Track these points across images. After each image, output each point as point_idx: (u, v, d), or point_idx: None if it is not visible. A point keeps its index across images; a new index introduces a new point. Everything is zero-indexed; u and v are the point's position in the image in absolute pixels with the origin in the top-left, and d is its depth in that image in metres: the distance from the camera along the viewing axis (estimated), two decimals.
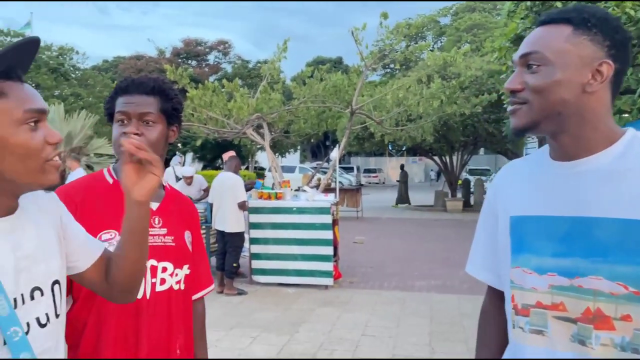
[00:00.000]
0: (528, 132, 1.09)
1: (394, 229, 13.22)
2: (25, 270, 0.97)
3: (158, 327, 1.39)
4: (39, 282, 0.99)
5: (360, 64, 9.79)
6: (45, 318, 0.99)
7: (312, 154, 45.35)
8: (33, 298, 0.97)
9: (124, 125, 1.39)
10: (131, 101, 1.40)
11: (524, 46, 1.09)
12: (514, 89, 1.08)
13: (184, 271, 1.47)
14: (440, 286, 6.90)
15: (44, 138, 0.95)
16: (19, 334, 0.92)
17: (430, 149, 18.06)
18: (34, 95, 0.96)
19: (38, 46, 0.96)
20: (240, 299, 6.24)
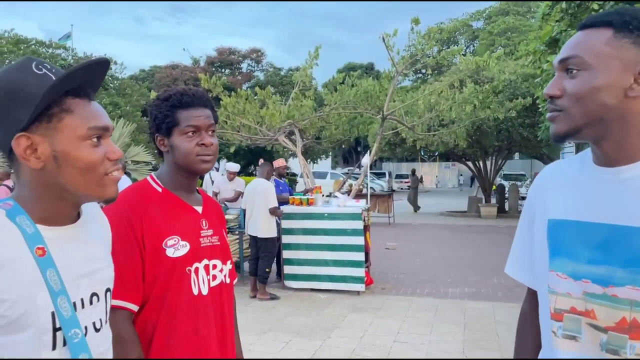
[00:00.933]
0: (569, 139, 1.07)
1: (427, 235, 13.09)
2: (87, 276, 1.03)
3: (218, 318, 1.51)
4: (97, 288, 1.06)
5: (392, 69, 9.79)
6: (100, 323, 1.05)
7: (344, 160, 45.34)
8: (92, 303, 1.03)
9: (193, 137, 1.49)
10: (199, 114, 1.51)
11: (564, 51, 1.07)
12: (552, 95, 1.06)
13: (228, 266, 1.60)
14: (474, 293, 6.81)
15: (104, 154, 1.00)
16: (79, 335, 0.97)
17: (463, 154, 17.84)
18: (99, 113, 1.01)
19: (107, 66, 1.02)
20: (272, 304, 6.30)
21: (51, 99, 0.95)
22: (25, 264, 0.93)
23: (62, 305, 0.95)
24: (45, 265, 0.95)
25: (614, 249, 1.01)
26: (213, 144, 1.52)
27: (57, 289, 0.95)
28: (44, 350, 0.94)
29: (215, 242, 1.56)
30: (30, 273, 0.93)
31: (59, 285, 0.95)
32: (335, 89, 10.97)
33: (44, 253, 0.95)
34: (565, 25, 7.72)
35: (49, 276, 0.94)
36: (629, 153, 1.04)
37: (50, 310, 0.94)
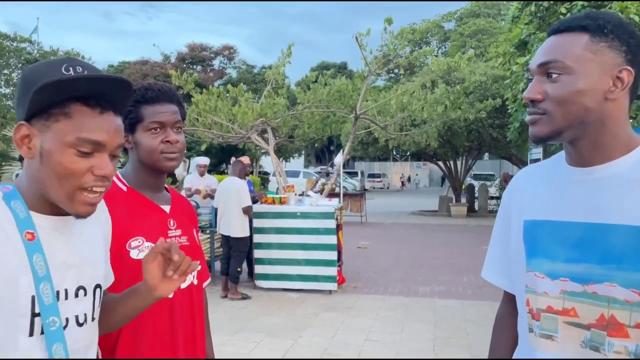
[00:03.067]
0: (550, 141, 1.09)
1: (398, 234, 13.20)
2: (74, 268, 1.03)
3: (187, 321, 1.47)
4: (85, 282, 1.05)
5: (365, 69, 9.81)
6: (84, 318, 1.05)
7: (316, 159, 45.41)
8: (77, 296, 1.03)
9: (157, 133, 1.45)
10: (164, 110, 1.46)
11: (542, 55, 1.08)
12: (534, 99, 1.07)
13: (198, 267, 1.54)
14: (444, 292, 6.89)
15: (89, 167, 0.98)
16: (57, 324, 0.97)
17: (434, 154, 18.08)
18: (100, 127, 0.98)
19: (127, 86, 1.00)
20: (244, 304, 6.25)
21: (44, 98, 0.95)
22: (14, 246, 0.95)
23: (45, 291, 0.96)
24: (33, 250, 0.96)
25: (590, 247, 1.03)
26: (179, 141, 1.47)
27: (41, 274, 0.96)
28: (20, 335, 0.94)
29: (184, 242, 1.51)
30: (16, 255, 0.95)
31: (44, 271, 0.96)
32: (308, 88, 10.93)
33: (32, 238, 0.96)
34: (534, 28, 7.89)
35: (35, 260, 0.95)
36: (604, 153, 1.06)
37: (31, 293, 0.94)
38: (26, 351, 0.94)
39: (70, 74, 0.96)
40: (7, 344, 0.93)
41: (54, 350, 0.96)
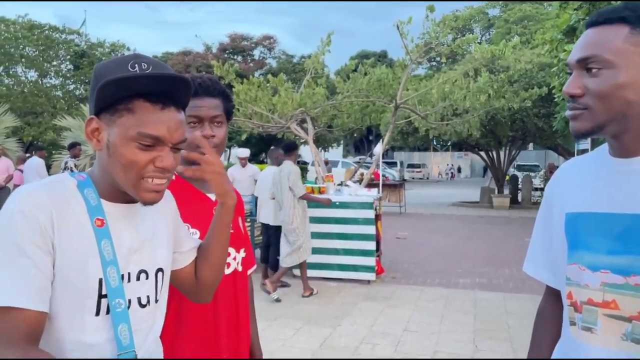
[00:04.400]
0: (591, 136, 1.08)
1: (438, 225, 13.05)
2: (137, 252, 1.09)
3: (229, 307, 1.51)
4: (146, 266, 1.11)
5: (405, 57, 9.69)
6: (146, 300, 1.10)
7: (355, 149, 45.25)
8: (139, 279, 1.09)
9: (195, 127, 1.47)
10: (202, 104, 1.48)
11: (580, 49, 1.06)
12: (574, 94, 1.06)
13: (241, 254, 1.59)
14: (485, 284, 6.78)
15: (150, 159, 1.03)
16: (122, 305, 1.03)
17: (476, 144, 17.70)
18: (161, 122, 1.02)
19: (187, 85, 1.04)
20: (283, 291, 6.32)
21: (109, 94, 1.00)
22: (84, 231, 1.01)
23: (111, 274, 1.02)
24: (101, 236, 1.03)
25: (633, 239, 1.01)
26: (215, 135, 1.48)
27: (108, 259, 1.02)
28: (87, 315, 1.00)
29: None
30: (86, 239, 1.01)
31: (111, 256, 1.03)
32: (347, 77, 10.88)
33: (102, 224, 1.03)
34: (584, 14, 7.57)
35: (103, 246, 1.02)
36: None
37: (99, 276, 1.01)
38: (92, 330, 1.00)
39: (134, 72, 1.00)
40: (75, 323, 0.99)
41: (119, 330, 1.02)
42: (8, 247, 0.94)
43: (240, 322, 1.54)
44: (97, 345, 1.01)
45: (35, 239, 0.95)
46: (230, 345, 1.49)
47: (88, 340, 1.00)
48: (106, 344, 1.01)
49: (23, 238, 0.94)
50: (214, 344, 1.46)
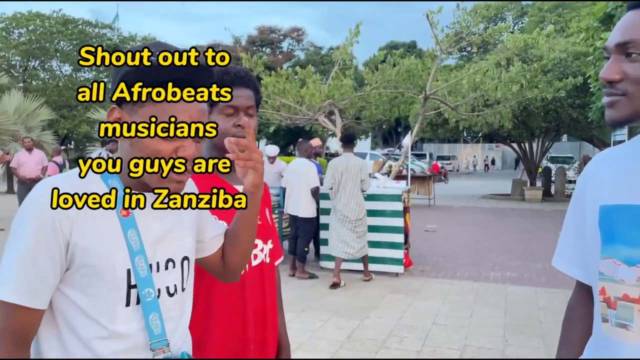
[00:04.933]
0: (628, 124, 1.02)
1: (468, 218, 12.87)
2: (164, 241, 1.09)
3: (257, 298, 1.52)
4: (173, 254, 1.11)
5: (435, 47, 9.54)
6: (174, 288, 1.10)
7: (384, 141, 44.96)
8: (167, 268, 1.09)
9: (231, 117, 1.48)
10: (239, 95, 1.49)
11: (620, 33, 1.01)
12: (611, 80, 1.01)
13: (269, 246, 1.59)
14: (516, 278, 6.66)
15: (173, 148, 1.01)
16: (152, 295, 1.04)
17: (508, 135, 17.35)
18: (183, 112, 1.01)
19: (208, 72, 1.05)
20: (311, 283, 6.34)
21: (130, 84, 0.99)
22: (110, 222, 1.02)
23: (139, 264, 1.02)
24: (128, 226, 1.03)
25: None
26: (250, 125, 1.51)
27: (135, 249, 1.02)
28: (118, 306, 1.01)
29: (257, 220, 1.56)
30: (113, 230, 1.01)
31: (138, 246, 1.03)
32: (376, 68, 10.78)
33: (127, 214, 1.03)
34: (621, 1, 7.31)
35: (129, 235, 1.02)
36: None
37: (127, 267, 1.01)
38: (124, 320, 1.01)
39: (153, 61, 0.99)
40: (106, 313, 1.00)
41: (150, 320, 1.02)
42: (17, 241, 0.96)
43: (267, 313, 1.55)
44: (130, 335, 1.01)
45: (46, 235, 0.95)
46: (257, 336, 1.49)
47: (120, 331, 1.00)
48: (138, 334, 1.02)
49: (33, 234, 0.95)
50: (242, 335, 1.46)
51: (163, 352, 1.03)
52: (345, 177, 6.16)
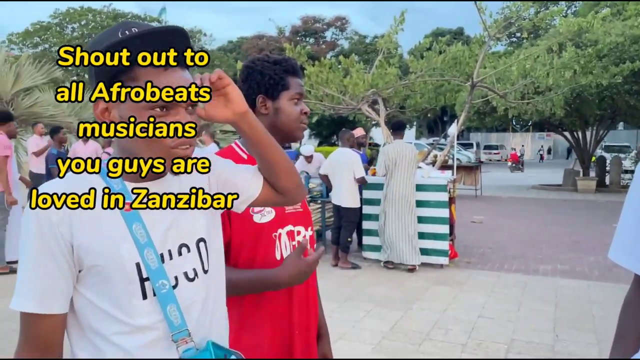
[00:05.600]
0: None
1: (517, 209, 12.51)
2: (173, 227, 1.05)
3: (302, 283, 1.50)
4: (185, 239, 1.07)
5: (483, 34, 9.26)
6: (193, 273, 1.07)
7: (429, 130, 44.25)
8: (180, 254, 1.06)
9: (298, 103, 1.55)
10: (302, 83, 1.58)
11: None
12: None
13: (309, 232, 1.60)
14: (567, 271, 6.42)
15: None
16: (167, 286, 1.01)
17: (560, 123, 16.70)
18: (169, 84, 0.96)
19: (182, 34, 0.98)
20: (354, 273, 6.33)
21: (105, 68, 0.94)
22: (113, 218, 0.99)
23: (149, 257, 0.99)
24: (132, 220, 1.00)
25: None
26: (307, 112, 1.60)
27: (143, 242, 0.99)
28: (135, 300, 0.99)
29: (299, 208, 1.57)
30: (115, 226, 0.99)
31: (145, 238, 1.00)
32: (421, 56, 10.57)
33: (130, 208, 1.00)
34: None
35: (134, 229, 0.99)
36: None
37: (135, 261, 0.99)
38: (143, 313, 1.00)
39: (124, 36, 0.95)
40: (125, 309, 0.99)
41: (168, 311, 1.00)
42: (23, 252, 0.95)
43: (310, 298, 1.56)
44: (151, 327, 1.00)
45: (48, 241, 0.94)
46: (301, 322, 1.51)
47: (141, 324, 0.99)
48: (159, 325, 1.00)
49: (35, 242, 0.94)
50: (288, 320, 1.48)
51: (186, 343, 1.01)
52: (398, 164, 6.29)
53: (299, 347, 1.49)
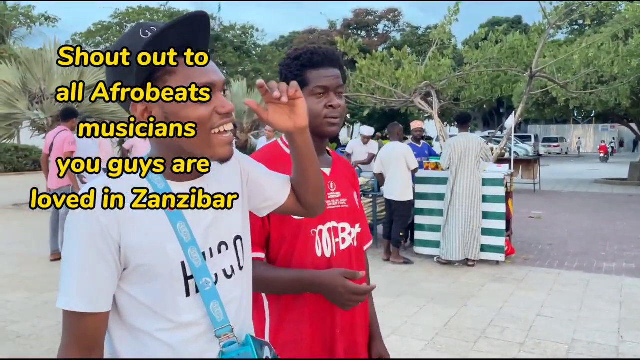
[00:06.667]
0: None
1: (578, 204, 11.98)
2: (214, 225, 1.08)
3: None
4: (224, 237, 1.10)
5: (543, 21, 8.89)
6: (231, 270, 1.10)
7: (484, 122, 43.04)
8: (220, 252, 1.08)
9: (321, 98, 1.47)
10: (329, 74, 1.46)
11: None
12: None
13: (356, 229, 1.56)
14: (633, 269, 6.09)
15: (212, 109, 1.00)
16: (210, 284, 1.03)
17: (625, 114, 15.86)
18: (205, 70, 1.00)
19: (204, 21, 0.99)
20: (406, 268, 6.25)
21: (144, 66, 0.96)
22: (157, 217, 1.00)
23: (193, 255, 1.01)
24: (176, 219, 1.01)
25: None
26: (340, 105, 1.48)
27: (187, 240, 1.01)
28: (179, 297, 1.01)
29: (344, 204, 1.53)
30: (161, 225, 1.00)
31: (189, 237, 1.02)
32: (476, 47, 10.28)
33: (174, 207, 1.02)
34: None
35: (179, 228, 1.01)
36: None
37: (180, 260, 1.00)
38: (187, 310, 1.01)
39: (151, 34, 0.96)
40: (170, 306, 1.00)
41: (211, 308, 1.02)
42: (70, 253, 0.96)
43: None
44: (195, 323, 1.02)
45: (97, 242, 0.95)
46: (344, 321, 1.47)
47: (185, 321, 1.01)
48: (202, 321, 1.02)
49: (84, 243, 0.95)
50: (330, 319, 1.45)
51: (228, 338, 1.04)
52: (464, 157, 6.23)
53: (341, 347, 1.46)
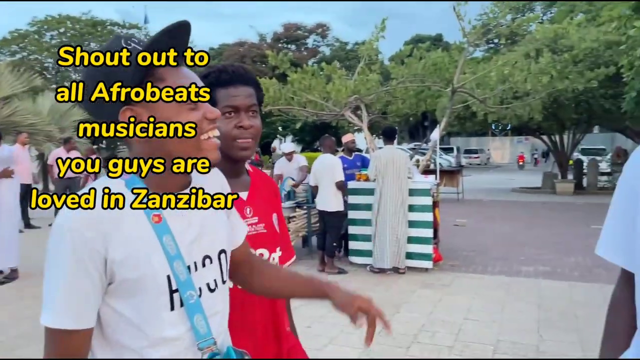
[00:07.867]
0: None
1: (498, 212, 12.69)
2: (198, 239, 1.07)
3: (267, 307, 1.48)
4: (209, 250, 1.10)
5: (462, 40, 9.43)
6: (214, 284, 1.10)
7: (410, 135, 44.57)
8: (204, 265, 1.08)
9: (231, 118, 1.39)
10: (238, 93, 1.40)
11: None
12: None
13: (277, 253, 1.53)
14: (549, 272, 6.55)
15: (202, 114, 1.03)
16: (194, 297, 1.03)
17: (538, 127, 17.01)
18: (189, 76, 1.03)
19: (188, 29, 1.00)
20: (340, 278, 6.36)
21: (137, 74, 0.97)
22: (143, 230, 1.00)
23: (178, 269, 1.01)
24: (162, 232, 1.01)
25: None
26: (253, 126, 1.40)
27: (173, 254, 1.01)
28: (163, 312, 1.00)
29: (261, 230, 1.48)
30: (147, 238, 1.00)
31: (175, 250, 1.01)
32: (402, 62, 10.71)
33: (159, 220, 1.01)
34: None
35: (165, 241, 1.00)
36: None
37: (166, 273, 1.00)
38: (171, 324, 1.01)
39: (133, 46, 0.98)
40: (154, 321, 1.00)
41: (195, 321, 1.02)
42: (54, 267, 0.95)
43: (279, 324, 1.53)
44: (178, 338, 1.02)
45: (83, 257, 0.93)
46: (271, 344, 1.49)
47: (169, 335, 1.01)
48: (186, 335, 1.02)
49: (69, 258, 0.93)
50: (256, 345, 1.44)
51: (211, 350, 1.05)
52: (389, 169, 6.42)
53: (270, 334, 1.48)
